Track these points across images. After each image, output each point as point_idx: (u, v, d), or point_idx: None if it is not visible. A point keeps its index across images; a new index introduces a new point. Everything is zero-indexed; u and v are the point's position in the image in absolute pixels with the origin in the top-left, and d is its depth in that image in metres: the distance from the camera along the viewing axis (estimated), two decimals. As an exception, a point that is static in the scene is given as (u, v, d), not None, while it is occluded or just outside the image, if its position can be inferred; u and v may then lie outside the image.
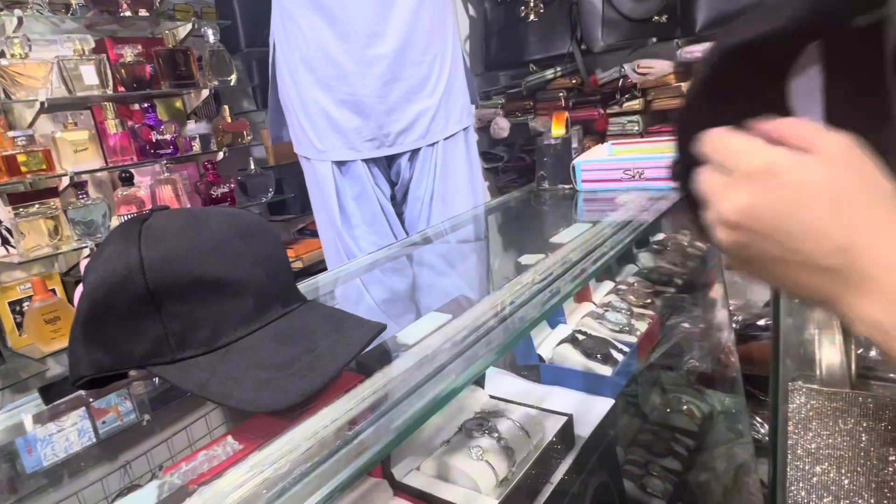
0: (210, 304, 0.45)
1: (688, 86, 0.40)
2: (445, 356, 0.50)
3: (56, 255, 1.58)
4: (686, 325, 1.22)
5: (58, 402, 0.55)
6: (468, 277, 0.95)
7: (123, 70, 1.67)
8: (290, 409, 0.42)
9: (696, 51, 1.59)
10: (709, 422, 1.18)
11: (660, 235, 1.33)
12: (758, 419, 1.40)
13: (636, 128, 1.75)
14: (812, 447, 0.67)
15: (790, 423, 0.68)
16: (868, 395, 0.63)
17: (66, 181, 1.56)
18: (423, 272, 1.08)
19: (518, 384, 0.85)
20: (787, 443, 0.68)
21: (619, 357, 0.89)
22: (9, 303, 1.53)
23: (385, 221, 1.18)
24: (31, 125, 1.54)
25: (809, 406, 0.66)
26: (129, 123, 1.74)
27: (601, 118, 1.81)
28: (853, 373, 0.68)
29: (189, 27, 1.82)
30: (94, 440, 0.54)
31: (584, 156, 1.13)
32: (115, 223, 1.61)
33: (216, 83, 1.88)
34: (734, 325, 1.43)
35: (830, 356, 0.72)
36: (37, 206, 1.53)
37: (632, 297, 1.06)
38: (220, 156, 1.91)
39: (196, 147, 1.86)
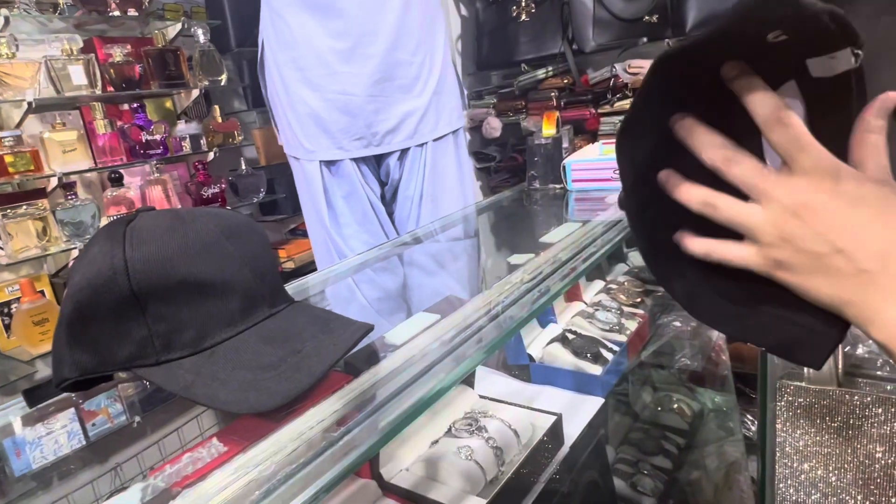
0: (195, 306, 0.45)
1: (632, 99, 0.42)
2: (434, 356, 0.50)
3: (44, 257, 1.56)
4: (677, 324, 1.22)
5: (44, 405, 0.54)
6: (458, 277, 0.95)
7: (112, 70, 1.65)
8: (277, 411, 0.42)
9: (687, 51, 1.59)
10: (699, 420, 1.18)
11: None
12: (748, 417, 1.41)
13: (627, 127, 1.75)
14: (800, 445, 0.67)
15: (778, 422, 0.68)
16: (855, 393, 0.63)
17: (55, 182, 1.54)
18: (414, 272, 1.07)
19: (508, 384, 0.85)
20: (776, 441, 0.68)
21: (609, 356, 0.90)
22: (-4, 305, 1.52)
23: (376, 220, 1.18)
24: (19, 125, 1.52)
25: (797, 404, 0.67)
26: (119, 124, 1.73)
27: (592, 118, 1.81)
28: (840, 371, 0.68)
29: (179, 27, 1.81)
30: (84, 442, 0.53)
31: (575, 155, 1.13)
32: (105, 224, 1.60)
33: (206, 83, 1.87)
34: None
35: (818, 354, 0.73)
36: (25, 207, 1.51)
37: (622, 296, 1.07)
38: (211, 156, 1.90)
39: (186, 147, 1.84)
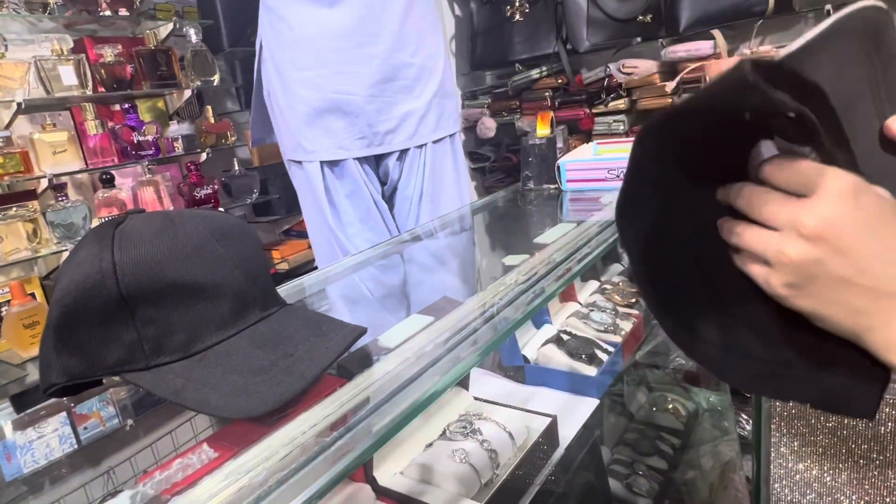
0: (185, 309, 0.44)
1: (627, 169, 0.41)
2: (428, 358, 0.50)
3: (35, 259, 1.55)
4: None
5: (34, 409, 0.53)
6: (452, 278, 0.94)
7: (103, 70, 1.64)
8: (269, 415, 0.41)
9: (681, 50, 1.60)
10: (694, 420, 1.18)
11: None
12: (743, 416, 1.41)
13: (621, 127, 1.76)
14: (795, 445, 0.67)
15: (773, 422, 0.68)
16: (849, 393, 0.64)
17: (45, 183, 1.53)
18: (413, 269, 1.07)
19: (503, 385, 0.85)
20: (771, 441, 0.68)
21: (604, 357, 0.89)
22: (-14, 307, 1.50)
23: (379, 218, 1.18)
24: (8, 126, 1.51)
25: (792, 404, 0.67)
26: (110, 124, 1.71)
27: (586, 118, 1.81)
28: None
29: (170, 27, 1.80)
30: (76, 446, 0.53)
31: (569, 155, 1.13)
32: (94, 226, 1.58)
33: (199, 83, 1.86)
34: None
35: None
36: (14, 209, 1.50)
37: (617, 297, 1.06)
38: (204, 157, 1.89)
39: (179, 148, 1.83)
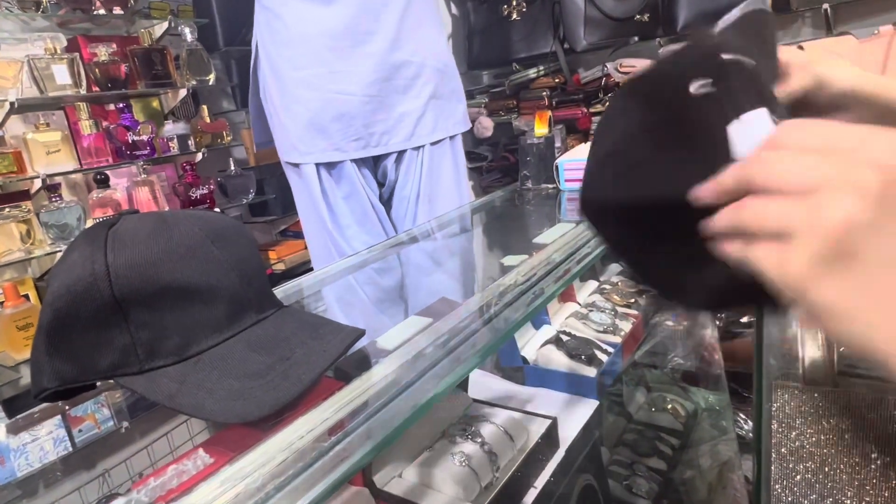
0: (180, 312, 0.44)
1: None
2: (427, 361, 0.49)
3: (28, 260, 1.53)
4: (669, 324, 1.22)
5: (30, 412, 0.53)
6: (451, 279, 0.94)
7: (98, 69, 1.63)
8: (265, 420, 0.40)
9: (678, 50, 1.59)
10: (693, 420, 1.18)
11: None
12: (741, 416, 1.41)
13: (619, 126, 1.75)
14: (796, 445, 0.67)
15: (774, 422, 0.68)
16: (851, 393, 0.63)
17: (39, 183, 1.52)
18: (410, 270, 1.06)
19: (502, 386, 0.85)
20: (771, 441, 0.68)
21: (604, 358, 0.89)
22: (-21, 309, 1.48)
23: (377, 220, 1.17)
24: (1, 126, 1.49)
25: (793, 404, 0.66)
26: (105, 124, 1.70)
27: (584, 117, 1.81)
28: (835, 370, 0.68)
29: (165, 25, 1.79)
30: (71, 449, 0.52)
31: (567, 155, 1.12)
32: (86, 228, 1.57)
33: (194, 83, 1.84)
34: (717, 323, 1.44)
35: (813, 353, 0.72)
36: (8, 210, 1.49)
37: (616, 297, 1.06)
38: (199, 157, 1.88)
39: (174, 148, 1.82)
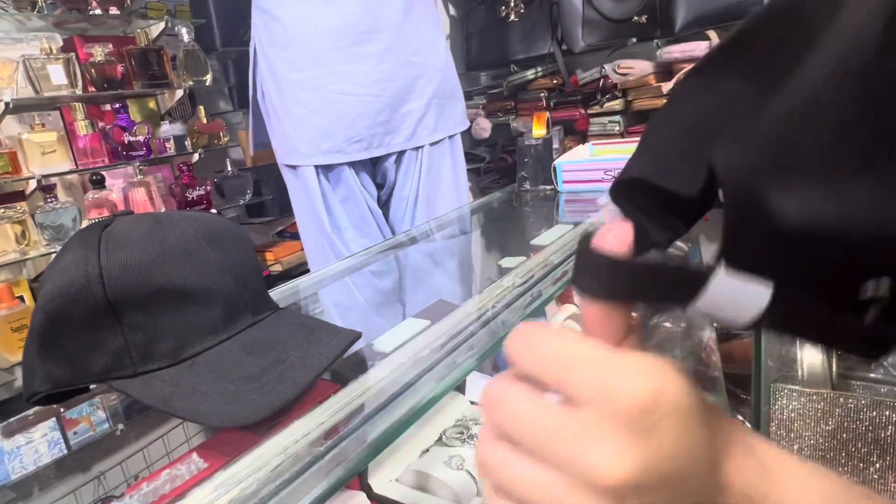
0: (174, 314, 0.43)
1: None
2: (424, 363, 0.49)
3: (23, 261, 1.52)
4: (667, 325, 1.22)
5: (24, 414, 0.52)
6: (448, 281, 0.93)
7: (94, 69, 1.62)
8: (261, 423, 0.40)
9: (676, 51, 1.59)
10: (691, 422, 1.18)
11: (641, 236, 1.33)
12: (739, 417, 1.41)
13: (617, 128, 1.75)
14: (794, 448, 0.67)
15: (772, 425, 0.67)
16: (849, 396, 0.63)
17: (34, 184, 1.51)
18: (408, 272, 1.06)
19: (500, 389, 0.84)
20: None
21: (602, 359, 0.89)
22: (-26, 311, 1.48)
23: (374, 224, 1.17)
24: (-4, 126, 1.49)
25: (791, 408, 0.66)
26: (101, 124, 1.69)
27: (582, 118, 1.80)
28: (834, 373, 0.68)
29: (162, 26, 1.78)
30: (66, 451, 0.51)
31: (565, 156, 1.12)
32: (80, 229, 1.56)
33: (191, 83, 1.84)
34: (715, 324, 1.44)
35: (811, 356, 0.72)
36: (3, 211, 1.48)
37: (614, 299, 1.05)
38: (196, 157, 1.87)
39: (170, 148, 1.81)
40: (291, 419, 0.42)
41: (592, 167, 1.04)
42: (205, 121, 1.91)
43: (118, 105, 1.73)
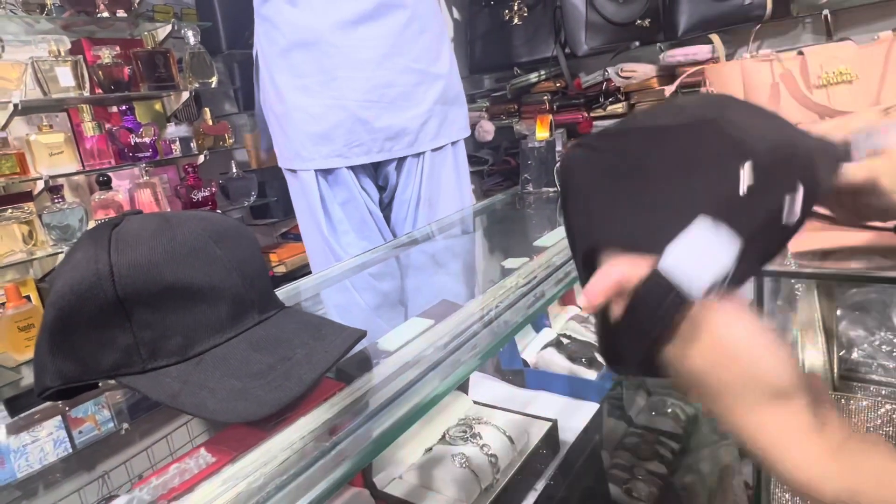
0: (182, 312, 0.44)
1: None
2: (428, 362, 0.50)
3: (31, 261, 1.54)
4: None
5: (30, 412, 0.53)
6: (452, 281, 0.94)
7: (101, 72, 1.63)
8: (267, 420, 0.41)
9: (679, 55, 1.60)
10: (693, 424, 1.18)
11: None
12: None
13: (620, 131, 1.76)
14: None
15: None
16: (850, 398, 0.63)
17: (41, 185, 1.52)
18: (410, 274, 1.06)
19: (502, 389, 0.85)
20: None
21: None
22: (-19, 310, 1.49)
23: (374, 227, 1.17)
24: (4, 127, 1.50)
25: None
26: (107, 126, 1.70)
27: (585, 121, 1.81)
28: (835, 375, 0.68)
29: (168, 28, 1.79)
30: (71, 450, 0.52)
31: (568, 159, 1.13)
32: (90, 228, 1.57)
33: (197, 85, 1.85)
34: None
35: (813, 358, 0.73)
36: (10, 211, 1.49)
37: (616, 300, 1.06)
38: (202, 159, 1.88)
39: (176, 150, 1.82)
40: (297, 416, 0.42)
41: (595, 169, 1.04)
42: (210, 122, 1.92)
43: (125, 107, 1.74)
